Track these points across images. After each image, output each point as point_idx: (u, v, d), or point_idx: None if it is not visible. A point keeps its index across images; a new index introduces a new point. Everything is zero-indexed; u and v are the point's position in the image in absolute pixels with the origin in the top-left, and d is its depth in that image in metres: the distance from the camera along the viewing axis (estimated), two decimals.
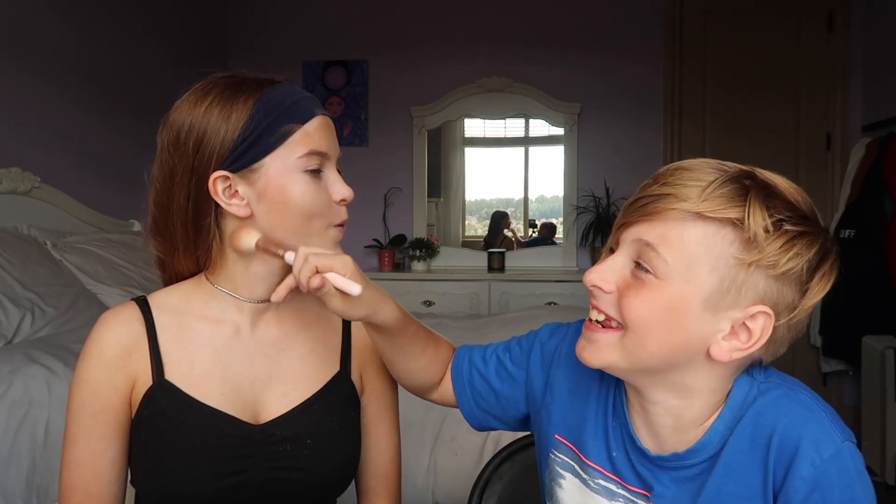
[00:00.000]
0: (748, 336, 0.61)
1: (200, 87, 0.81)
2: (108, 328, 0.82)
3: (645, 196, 0.63)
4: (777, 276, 0.60)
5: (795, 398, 0.64)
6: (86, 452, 0.80)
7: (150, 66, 3.20)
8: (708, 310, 0.61)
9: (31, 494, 1.52)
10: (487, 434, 1.56)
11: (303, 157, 0.79)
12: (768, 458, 0.61)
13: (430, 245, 3.70)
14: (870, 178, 3.08)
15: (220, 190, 0.79)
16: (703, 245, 0.60)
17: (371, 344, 0.93)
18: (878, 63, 3.29)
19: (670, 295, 0.61)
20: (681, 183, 0.62)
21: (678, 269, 0.61)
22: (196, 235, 0.82)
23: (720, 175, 0.61)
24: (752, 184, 0.61)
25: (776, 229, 0.59)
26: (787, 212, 0.60)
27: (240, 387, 0.83)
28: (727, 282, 0.60)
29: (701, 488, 0.65)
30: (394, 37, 3.86)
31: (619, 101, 3.71)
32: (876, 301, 2.96)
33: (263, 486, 0.81)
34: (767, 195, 0.60)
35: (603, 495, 0.72)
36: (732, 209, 0.59)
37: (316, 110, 0.81)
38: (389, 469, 0.96)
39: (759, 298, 0.61)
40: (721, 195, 0.60)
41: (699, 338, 0.62)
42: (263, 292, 0.84)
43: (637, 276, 0.63)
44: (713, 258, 0.60)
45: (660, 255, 0.61)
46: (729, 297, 0.61)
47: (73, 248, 2.38)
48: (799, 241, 0.60)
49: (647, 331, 0.63)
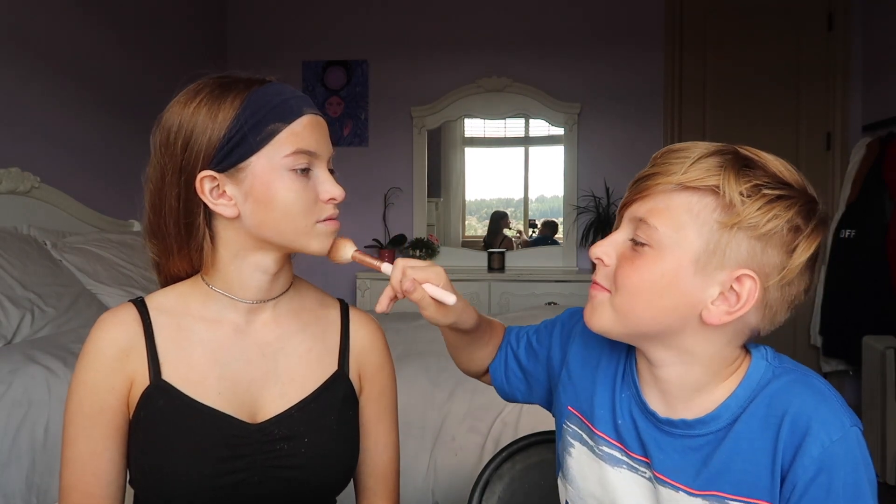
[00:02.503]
0: (736, 299, 0.65)
1: (192, 87, 0.81)
2: (106, 330, 0.82)
3: (638, 179, 0.70)
4: (759, 237, 0.64)
5: (808, 383, 0.67)
6: (84, 453, 0.81)
7: (150, 66, 3.19)
8: (698, 273, 0.65)
9: (31, 494, 1.52)
10: (487, 434, 1.56)
11: (289, 156, 0.78)
12: (779, 438, 0.64)
13: (430, 245, 3.70)
14: (870, 178, 3.08)
15: (207, 190, 0.79)
16: (687, 212, 0.66)
17: (369, 344, 0.94)
18: (878, 63, 3.29)
19: (664, 261, 0.66)
20: (668, 161, 0.68)
21: (668, 234, 0.66)
22: (188, 236, 0.82)
23: (704, 151, 0.67)
24: (732, 156, 0.66)
25: (753, 193, 0.63)
26: (766, 178, 0.64)
27: (237, 386, 0.83)
28: (712, 244, 0.65)
29: (706, 461, 0.68)
30: (394, 37, 3.87)
31: (619, 101, 3.71)
32: (876, 301, 2.96)
33: (261, 484, 0.81)
34: (746, 165, 0.65)
35: (607, 462, 0.76)
36: (711, 178, 0.64)
37: (304, 109, 0.81)
38: (388, 469, 0.96)
39: (744, 261, 0.65)
40: (701, 167, 0.65)
41: (690, 302, 0.66)
42: (256, 292, 0.85)
43: (635, 250, 0.68)
44: (698, 223, 0.65)
45: (650, 225, 0.67)
46: (715, 259, 0.65)
47: (73, 248, 2.38)
48: (777, 204, 0.63)
49: (636, 296, 0.68)
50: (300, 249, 0.82)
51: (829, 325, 3.26)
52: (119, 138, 2.95)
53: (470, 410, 1.60)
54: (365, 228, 3.83)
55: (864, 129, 3.35)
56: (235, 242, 0.82)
